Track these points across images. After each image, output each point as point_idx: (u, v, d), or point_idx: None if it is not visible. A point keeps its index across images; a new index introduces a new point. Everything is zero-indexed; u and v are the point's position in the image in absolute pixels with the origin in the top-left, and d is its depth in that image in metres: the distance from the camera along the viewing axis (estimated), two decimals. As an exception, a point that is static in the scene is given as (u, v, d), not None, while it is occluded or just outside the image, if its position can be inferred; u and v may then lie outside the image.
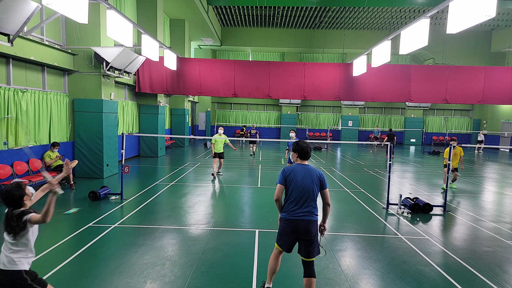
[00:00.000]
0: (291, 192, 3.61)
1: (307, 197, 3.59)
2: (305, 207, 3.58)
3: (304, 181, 3.59)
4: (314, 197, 3.64)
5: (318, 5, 18.27)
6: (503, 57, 24.52)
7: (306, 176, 3.62)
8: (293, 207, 3.59)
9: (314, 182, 3.64)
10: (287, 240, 3.65)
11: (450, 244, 5.62)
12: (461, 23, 5.64)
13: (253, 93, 13.78)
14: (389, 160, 7.82)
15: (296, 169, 3.65)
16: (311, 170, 3.69)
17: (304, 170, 3.66)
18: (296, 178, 3.60)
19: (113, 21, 7.38)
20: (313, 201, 3.63)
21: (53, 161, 8.88)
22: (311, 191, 3.61)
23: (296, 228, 3.56)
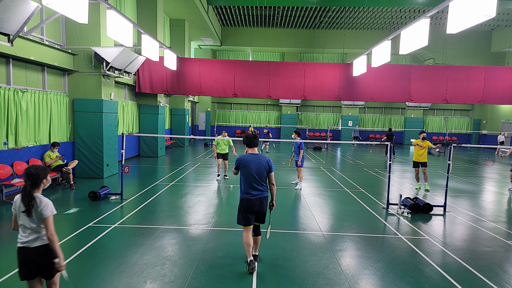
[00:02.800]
0: (246, 177, 4.38)
1: (257, 180, 4.37)
2: (256, 187, 4.37)
3: (255, 167, 4.36)
4: (264, 179, 4.44)
5: (318, 5, 18.28)
6: (503, 57, 24.52)
7: (257, 163, 4.39)
8: (249, 189, 4.37)
9: (263, 167, 4.40)
10: (248, 217, 4.41)
11: (450, 244, 5.62)
12: (461, 23, 5.64)
13: (253, 93, 13.78)
14: (389, 160, 7.82)
15: (248, 158, 4.42)
16: (261, 157, 4.46)
17: (255, 158, 4.43)
18: (249, 165, 4.36)
19: (113, 21, 7.38)
20: (264, 182, 4.45)
21: (53, 161, 8.88)
22: (262, 174, 4.40)
23: (253, 205, 4.37)
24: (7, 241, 5.31)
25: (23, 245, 2.91)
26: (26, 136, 8.41)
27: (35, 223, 2.89)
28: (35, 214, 2.88)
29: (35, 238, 2.91)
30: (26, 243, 2.90)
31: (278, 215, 7.04)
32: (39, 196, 2.92)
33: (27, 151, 8.40)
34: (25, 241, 2.90)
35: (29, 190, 2.88)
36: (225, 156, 10.52)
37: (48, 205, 2.91)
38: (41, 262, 2.93)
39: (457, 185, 10.65)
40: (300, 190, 9.37)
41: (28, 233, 2.90)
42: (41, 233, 2.92)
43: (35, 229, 2.90)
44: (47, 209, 2.89)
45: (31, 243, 2.90)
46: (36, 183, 2.94)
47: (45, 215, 2.88)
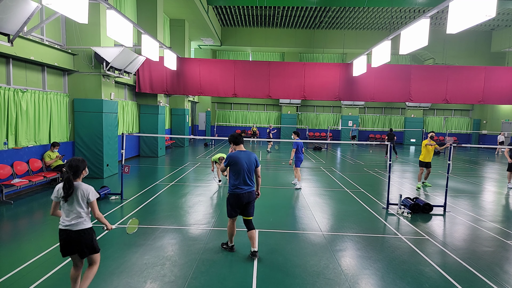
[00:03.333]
0: (238, 173, 4.70)
1: (248, 175, 4.74)
2: (247, 182, 4.74)
3: (247, 163, 4.73)
4: (252, 174, 4.84)
5: (318, 5, 18.28)
6: (503, 57, 24.52)
7: (248, 159, 4.75)
8: (240, 184, 4.71)
9: (253, 162, 4.80)
10: (237, 210, 4.80)
11: (450, 244, 5.62)
12: (461, 23, 5.64)
13: (253, 93, 13.77)
14: (389, 160, 7.81)
15: (239, 155, 4.75)
16: (250, 154, 4.84)
17: (245, 154, 4.78)
18: (240, 161, 4.70)
19: (113, 21, 7.37)
20: (252, 177, 4.85)
21: (53, 161, 8.88)
22: (251, 170, 4.80)
23: (243, 199, 4.73)
24: (7, 241, 5.30)
25: (66, 227, 3.31)
26: (26, 136, 8.41)
27: (81, 208, 3.33)
28: (81, 200, 3.32)
29: (79, 222, 3.32)
30: (69, 226, 3.30)
31: (278, 215, 7.05)
32: (82, 185, 3.36)
33: (27, 151, 8.40)
34: (67, 224, 3.30)
35: (70, 180, 3.27)
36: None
37: (92, 191, 3.39)
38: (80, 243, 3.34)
39: (457, 185, 10.65)
40: (300, 190, 9.37)
41: (71, 217, 3.31)
42: (83, 217, 3.34)
43: (80, 214, 3.33)
44: (92, 194, 3.37)
45: (73, 226, 3.31)
46: (77, 173, 3.36)
47: (91, 199, 3.36)
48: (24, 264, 4.44)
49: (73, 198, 3.30)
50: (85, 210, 3.36)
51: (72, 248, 3.37)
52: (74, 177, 3.33)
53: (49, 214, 3.50)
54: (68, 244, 3.35)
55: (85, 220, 3.37)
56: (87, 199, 3.35)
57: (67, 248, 3.37)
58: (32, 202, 7.54)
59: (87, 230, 3.37)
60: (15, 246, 5.10)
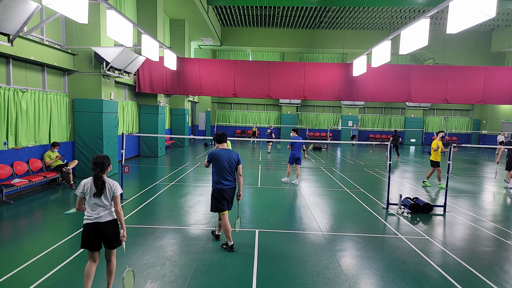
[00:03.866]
0: (219, 169, 4.94)
1: (229, 171, 4.96)
2: (228, 178, 4.98)
3: (227, 160, 4.93)
4: (233, 171, 5.05)
5: (318, 5, 18.27)
6: (503, 57, 24.52)
7: (228, 156, 4.96)
8: (222, 180, 4.95)
9: (234, 160, 5.00)
10: (222, 204, 5.02)
11: (450, 244, 5.62)
12: (461, 23, 5.64)
13: (253, 93, 13.77)
14: (389, 160, 7.82)
15: (220, 152, 4.97)
16: (231, 151, 5.04)
17: (226, 152, 4.99)
18: (221, 159, 4.91)
19: (113, 21, 7.37)
20: (233, 173, 5.06)
21: (53, 161, 8.88)
22: (232, 167, 5.00)
23: (225, 194, 4.97)
24: (7, 241, 5.30)
25: (94, 220, 3.48)
26: (26, 136, 8.41)
27: (108, 201, 3.54)
28: (108, 193, 3.53)
29: (106, 214, 3.53)
30: (98, 219, 3.48)
31: (278, 215, 7.05)
32: (108, 179, 3.58)
33: (27, 151, 8.40)
34: (96, 217, 3.48)
35: (100, 176, 3.51)
36: None
37: (117, 186, 3.62)
38: (109, 233, 3.53)
39: (457, 185, 10.65)
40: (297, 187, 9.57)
41: (99, 210, 3.50)
42: (111, 209, 3.57)
43: (107, 206, 3.54)
44: (118, 189, 3.61)
45: (102, 218, 3.50)
46: (103, 169, 3.56)
47: (116, 193, 3.58)
48: (24, 264, 4.44)
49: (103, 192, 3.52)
50: (110, 203, 3.56)
51: (99, 240, 3.53)
52: (101, 172, 3.54)
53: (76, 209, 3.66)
54: (96, 237, 3.50)
55: (112, 212, 3.58)
56: (113, 193, 3.56)
57: (93, 240, 3.51)
58: (32, 202, 7.54)
59: (115, 220, 3.60)
60: (15, 246, 5.10)
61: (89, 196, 3.49)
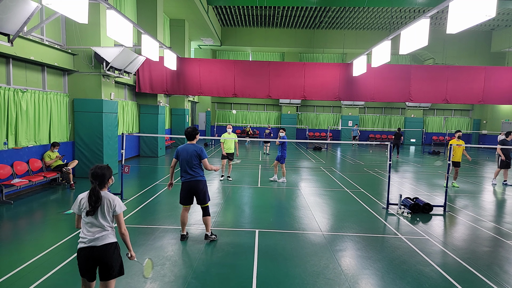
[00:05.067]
0: (180, 163, 5.25)
1: (187, 165, 5.19)
2: (187, 171, 5.20)
3: (187, 155, 5.18)
4: (196, 164, 5.24)
5: (318, 5, 18.27)
6: (503, 57, 24.51)
7: (189, 152, 5.20)
8: (183, 173, 5.25)
9: (194, 155, 5.20)
10: (187, 197, 5.29)
11: (450, 244, 5.62)
12: (461, 23, 5.64)
13: (253, 93, 13.77)
14: (389, 160, 7.82)
15: (184, 147, 5.26)
16: (194, 146, 5.26)
17: (189, 147, 5.25)
18: (183, 153, 5.22)
19: (113, 21, 7.37)
20: (196, 167, 5.25)
21: (53, 161, 8.88)
22: (191, 161, 5.19)
23: (189, 187, 5.24)
24: (7, 241, 5.30)
25: (88, 244, 2.90)
26: (26, 136, 8.41)
27: (106, 220, 2.96)
28: (107, 211, 2.96)
29: (104, 236, 2.94)
30: (93, 242, 2.90)
31: (278, 215, 7.06)
32: (108, 194, 3.00)
33: (27, 151, 8.40)
34: (90, 239, 2.90)
35: (97, 191, 2.95)
36: (231, 156, 10.49)
37: (118, 202, 3.01)
38: (107, 259, 2.94)
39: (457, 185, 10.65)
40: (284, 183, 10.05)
41: (95, 231, 2.92)
42: (108, 231, 2.97)
43: (104, 227, 2.95)
44: (119, 206, 3.01)
45: (99, 241, 2.91)
46: (103, 182, 3.03)
47: (118, 212, 3.00)
48: (24, 264, 4.44)
49: (98, 210, 2.95)
50: (109, 223, 2.99)
51: (95, 267, 2.96)
52: (100, 187, 3.01)
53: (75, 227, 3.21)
54: (91, 263, 2.93)
55: (110, 233, 2.99)
56: (113, 211, 2.99)
57: (88, 268, 2.95)
58: (32, 202, 7.54)
59: (113, 244, 2.99)
60: (15, 246, 5.10)
61: (84, 214, 2.94)
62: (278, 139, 9.98)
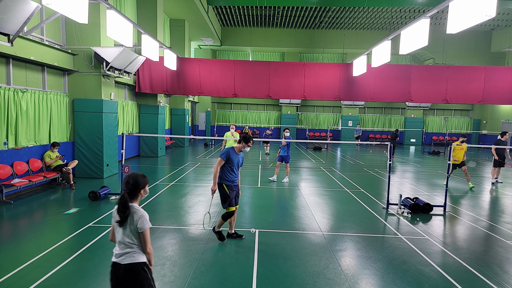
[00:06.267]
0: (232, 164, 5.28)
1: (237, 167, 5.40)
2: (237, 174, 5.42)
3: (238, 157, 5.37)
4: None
5: (318, 5, 18.27)
6: (503, 57, 24.51)
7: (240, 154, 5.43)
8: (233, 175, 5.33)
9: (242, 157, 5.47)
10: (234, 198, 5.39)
11: (450, 244, 5.62)
12: (461, 23, 5.64)
13: (253, 93, 13.77)
14: (389, 160, 7.82)
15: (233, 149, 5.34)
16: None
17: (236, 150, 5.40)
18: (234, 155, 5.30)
19: (113, 21, 7.37)
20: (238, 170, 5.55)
21: (53, 161, 8.88)
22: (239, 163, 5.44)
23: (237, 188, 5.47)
24: (7, 241, 5.30)
25: (115, 259, 2.68)
26: (26, 136, 8.41)
27: (129, 237, 2.66)
28: (131, 226, 2.64)
29: (127, 254, 2.65)
30: (119, 258, 2.66)
31: (278, 215, 7.05)
32: (135, 208, 2.68)
33: (27, 151, 8.40)
34: (117, 254, 2.68)
35: (126, 200, 2.64)
36: None
37: (145, 217, 2.66)
38: (128, 283, 2.64)
39: (457, 185, 10.66)
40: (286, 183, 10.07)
41: (121, 247, 2.68)
42: (133, 249, 2.67)
43: (129, 244, 2.66)
44: (144, 222, 2.64)
45: (122, 259, 2.65)
46: (135, 192, 2.71)
47: (142, 229, 2.64)
48: (24, 264, 4.44)
49: (127, 224, 2.65)
50: (133, 240, 2.67)
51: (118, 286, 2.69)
52: (130, 198, 2.69)
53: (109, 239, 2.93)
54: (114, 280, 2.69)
55: (136, 252, 2.67)
56: (138, 228, 2.63)
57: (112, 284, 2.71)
58: (32, 202, 7.54)
59: (139, 264, 2.67)
60: (15, 246, 5.10)
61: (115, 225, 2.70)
62: (284, 139, 10.02)
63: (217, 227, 5.46)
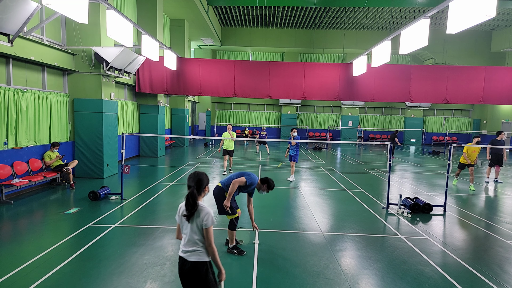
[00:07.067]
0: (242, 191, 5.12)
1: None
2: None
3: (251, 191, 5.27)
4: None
5: (318, 5, 18.27)
6: (503, 57, 24.51)
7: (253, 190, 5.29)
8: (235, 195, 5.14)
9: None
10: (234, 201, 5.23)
11: (450, 244, 5.62)
12: (461, 23, 5.64)
13: (253, 93, 13.78)
14: (389, 160, 7.82)
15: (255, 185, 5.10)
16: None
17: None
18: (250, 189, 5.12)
19: (113, 21, 7.37)
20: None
21: (53, 161, 8.89)
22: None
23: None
24: (7, 241, 5.30)
25: (181, 254, 2.79)
26: (26, 136, 8.41)
27: (196, 233, 2.75)
28: (197, 222, 2.73)
29: (193, 251, 2.75)
30: (185, 254, 2.77)
31: (278, 215, 7.05)
32: (202, 204, 2.78)
33: (27, 151, 8.40)
34: (184, 250, 2.78)
35: (195, 195, 2.74)
36: (230, 152, 11.44)
37: (210, 214, 2.76)
38: (192, 281, 2.73)
39: (457, 185, 10.65)
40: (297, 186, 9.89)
41: (189, 244, 2.77)
42: (200, 247, 2.76)
43: (194, 241, 2.76)
44: (209, 219, 2.73)
45: (189, 255, 2.75)
46: (200, 188, 2.81)
47: (207, 225, 2.73)
48: (24, 264, 4.44)
49: (193, 219, 2.73)
50: (200, 237, 2.76)
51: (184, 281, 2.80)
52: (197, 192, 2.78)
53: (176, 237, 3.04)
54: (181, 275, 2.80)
55: (201, 251, 2.76)
56: (204, 224, 2.72)
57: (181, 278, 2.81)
58: (32, 202, 7.54)
59: (204, 264, 2.76)
60: (15, 246, 5.10)
61: (181, 222, 2.81)
62: (292, 139, 10.08)
63: (230, 243, 5.08)
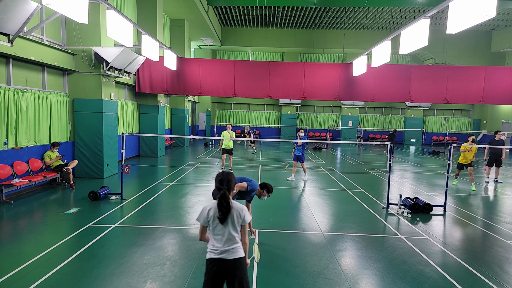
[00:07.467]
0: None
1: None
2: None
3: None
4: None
5: (318, 5, 18.27)
6: (503, 57, 24.51)
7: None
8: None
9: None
10: None
11: (450, 244, 5.62)
12: (461, 23, 5.64)
13: (253, 93, 13.78)
14: (389, 160, 7.82)
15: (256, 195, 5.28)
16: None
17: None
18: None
19: (113, 21, 7.37)
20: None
21: (53, 161, 8.88)
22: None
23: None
24: (7, 241, 5.30)
25: (219, 256, 2.72)
26: (26, 136, 8.41)
27: (235, 231, 2.76)
28: (236, 221, 2.75)
29: (234, 249, 2.75)
30: (224, 254, 2.72)
31: (278, 215, 7.06)
32: (235, 203, 2.80)
33: (27, 151, 8.40)
34: (222, 250, 2.73)
35: (227, 196, 2.72)
36: (230, 151, 11.60)
37: (246, 210, 2.81)
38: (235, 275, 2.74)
39: (457, 185, 10.65)
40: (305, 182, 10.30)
41: (227, 244, 2.74)
42: (238, 244, 2.78)
43: (233, 239, 2.75)
44: (247, 215, 2.79)
45: (228, 254, 2.73)
46: (230, 189, 2.80)
47: (246, 221, 2.79)
48: (24, 264, 4.44)
49: (227, 220, 2.74)
50: (238, 234, 2.78)
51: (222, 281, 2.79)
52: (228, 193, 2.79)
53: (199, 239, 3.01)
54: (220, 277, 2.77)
55: (239, 247, 2.79)
56: (243, 221, 2.77)
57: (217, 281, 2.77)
58: (32, 202, 7.54)
59: (243, 259, 2.80)
60: (15, 246, 5.10)
61: (213, 224, 2.77)
62: (299, 139, 10.13)
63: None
